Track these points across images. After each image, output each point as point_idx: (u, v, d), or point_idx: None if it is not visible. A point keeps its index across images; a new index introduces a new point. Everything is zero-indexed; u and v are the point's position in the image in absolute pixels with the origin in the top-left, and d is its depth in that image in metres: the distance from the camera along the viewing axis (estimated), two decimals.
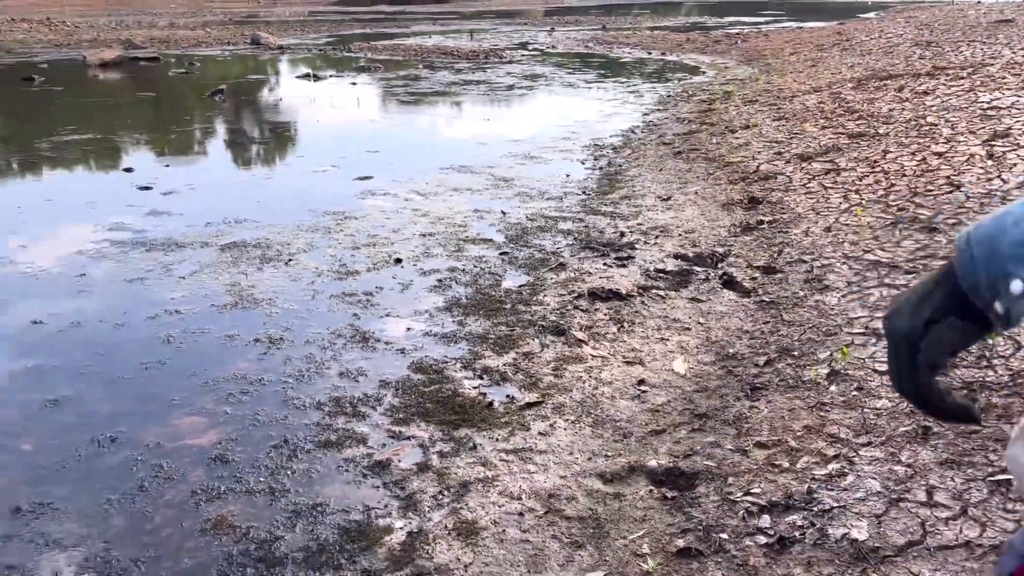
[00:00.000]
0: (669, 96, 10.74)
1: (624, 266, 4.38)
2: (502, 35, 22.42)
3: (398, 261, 4.57)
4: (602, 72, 14.40)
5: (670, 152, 7.12)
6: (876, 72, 9.62)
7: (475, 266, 4.48)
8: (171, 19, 28.94)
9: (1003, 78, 7.80)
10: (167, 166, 7.15)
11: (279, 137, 8.78)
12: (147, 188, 6.22)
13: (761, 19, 30.46)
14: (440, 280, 4.27)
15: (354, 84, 12.42)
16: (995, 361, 2.81)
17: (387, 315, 3.84)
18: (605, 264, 4.43)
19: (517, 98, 11.28)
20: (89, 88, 12.47)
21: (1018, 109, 6.48)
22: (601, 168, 6.85)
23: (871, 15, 28.95)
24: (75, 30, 21.26)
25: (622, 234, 4.95)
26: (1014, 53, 9.30)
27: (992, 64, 8.78)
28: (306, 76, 13.37)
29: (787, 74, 11.55)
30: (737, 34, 20.28)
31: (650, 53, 16.90)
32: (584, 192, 6.09)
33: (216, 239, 4.95)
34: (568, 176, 6.61)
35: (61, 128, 8.82)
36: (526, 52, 17.54)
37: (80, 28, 21.86)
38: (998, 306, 0.64)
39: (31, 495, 2.49)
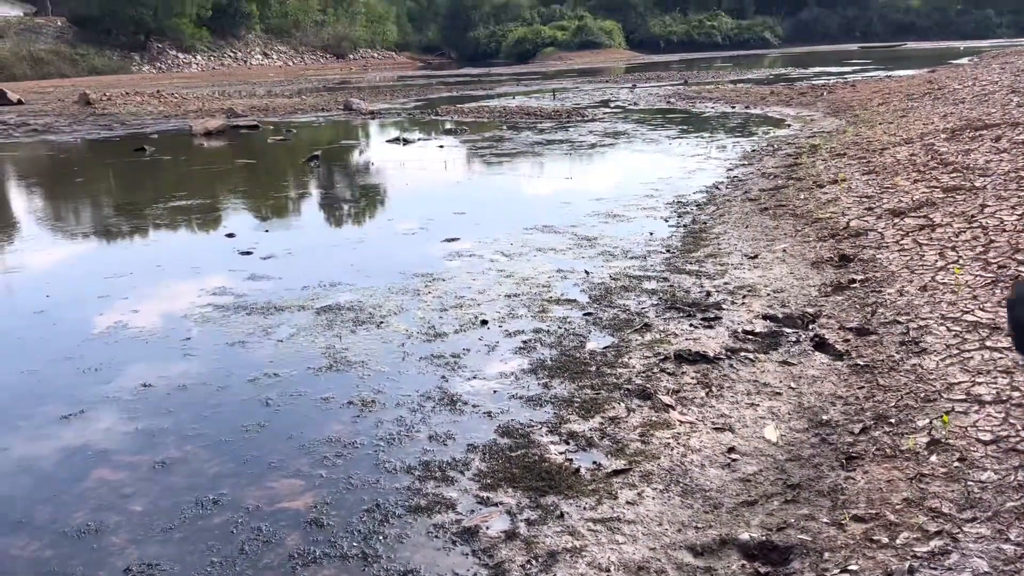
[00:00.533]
0: (754, 151, 10.67)
1: (711, 327, 4.35)
2: (583, 94, 22.78)
3: (484, 323, 4.66)
4: (684, 127, 14.43)
5: (756, 208, 7.06)
6: (971, 122, 9.34)
7: (559, 327, 4.52)
8: (269, 88, 30.59)
9: None
10: (267, 231, 7.51)
11: (370, 200, 9.11)
12: (248, 253, 6.54)
13: (847, 69, 30.01)
14: (525, 342, 4.33)
15: (441, 147, 12.81)
16: None
17: (474, 377, 3.91)
18: (691, 325, 4.41)
19: (599, 156, 11.41)
20: (195, 156, 13.26)
21: None
22: (685, 226, 6.84)
23: (964, 61, 28.14)
24: (182, 101, 22.70)
25: (708, 294, 4.92)
26: None
27: None
28: (396, 140, 13.87)
29: (876, 125, 11.33)
30: (823, 85, 20.05)
31: (733, 107, 16.86)
32: (668, 250, 6.09)
33: (312, 302, 5.16)
34: (652, 234, 6.62)
35: (169, 195, 9.39)
36: (608, 110, 17.76)
37: (187, 99, 23.33)
38: None
39: (140, 556, 2.62)
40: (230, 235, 7.25)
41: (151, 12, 42.90)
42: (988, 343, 3.51)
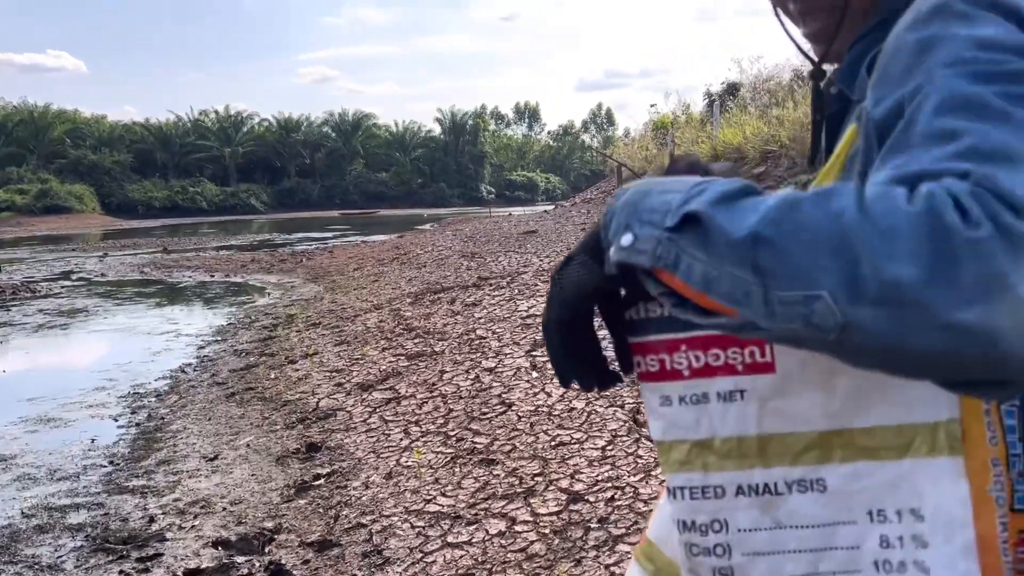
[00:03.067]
0: (230, 324, 10.04)
1: (147, 571, 3.41)
2: (42, 264, 19.97)
3: None
4: (158, 300, 13.25)
5: (223, 394, 6.34)
6: (431, 285, 10.07)
7: None
8: None
9: (535, 285, 8.58)
10: None
11: None
12: None
13: (329, 234, 31.85)
14: None
15: None
16: None
17: None
18: (121, 573, 3.42)
19: (45, 342, 9.63)
20: None
21: None
22: (138, 424, 5.79)
23: (427, 226, 32.01)
24: None
25: (152, 519, 3.97)
26: (541, 260, 10.47)
27: (526, 272, 9.72)
28: None
29: (351, 291, 11.66)
30: (303, 252, 20.64)
31: (213, 276, 16.19)
32: (112, 462, 4.98)
33: None
34: (93, 441, 5.43)
35: None
36: (69, 283, 15.65)
37: None
38: (612, 251, 0.64)
39: None
40: None
41: None
42: (450, 539, 3.24)
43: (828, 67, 0.92)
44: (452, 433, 4.49)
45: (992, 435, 0.62)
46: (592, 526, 3.15)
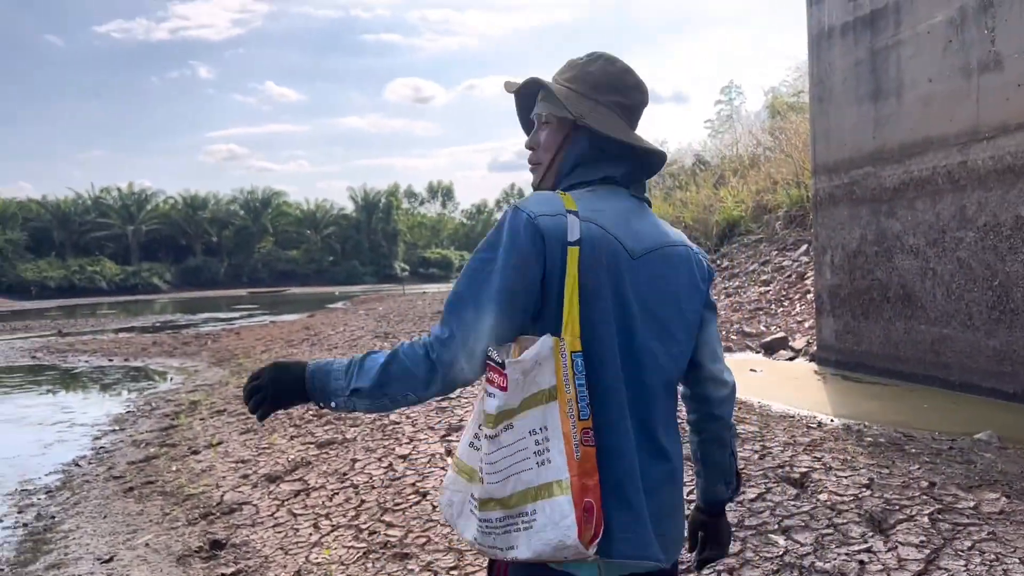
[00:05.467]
0: (128, 412, 9.59)
1: None
2: None
3: None
4: (50, 387, 12.56)
5: (120, 489, 6.01)
6: None
7: None
8: None
9: None
10: None
11: None
12: None
13: (236, 314, 30.97)
14: None
15: None
16: None
17: None
18: None
19: None
20: None
21: (465, 398, 7.00)
22: (26, 524, 5.42)
23: (339, 304, 31.59)
24: None
25: None
26: None
27: None
28: None
29: None
30: (208, 333, 20.00)
31: (112, 360, 15.48)
32: None
33: None
34: None
35: None
36: None
37: None
38: (330, 400, 1.56)
39: None
40: None
41: None
42: None
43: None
44: (364, 526, 4.39)
45: (567, 388, 1.45)
46: None
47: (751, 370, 9.12)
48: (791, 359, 9.99)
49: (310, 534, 4.43)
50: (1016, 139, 6.80)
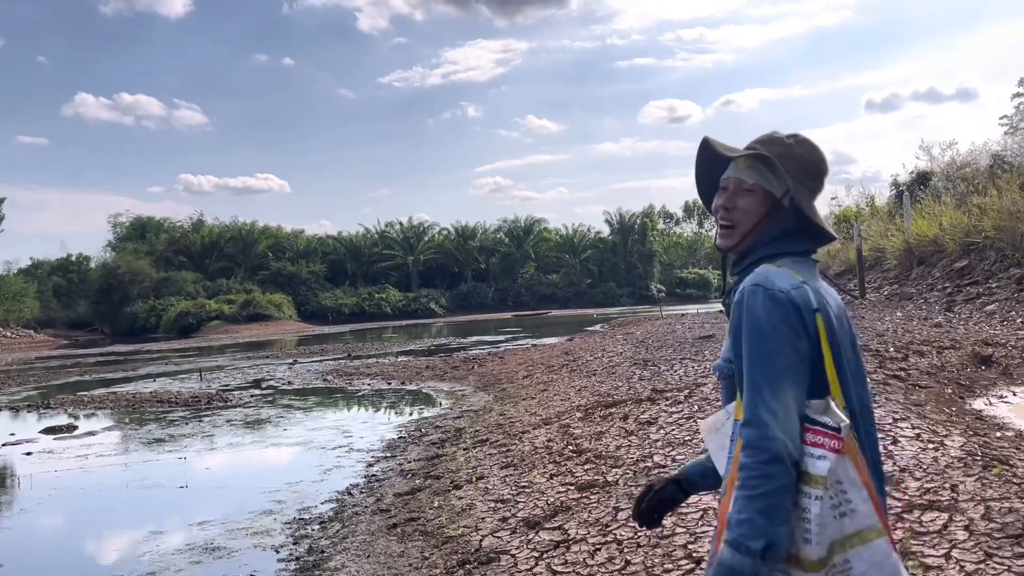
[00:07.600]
0: (400, 438, 9.89)
1: None
2: (238, 372, 21.23)
3: None
4: (335, 410, 13.50)
5: (385, 525, 5.99)
6: (602, 397, 9.48)
7: None
8: None
9: (717, 400, 7.77)
10: None
11: None
12: None
13: (501, 337, 32.06)
14: None
15: (28, 454, 10.35)
16: None
17: None
18: None
19: (227, 457, 9.87)
20: None
21: None
22: (298, 558, 5.53)
23: (597, 327, 31.54)
24: None
25: None
26: None
27: (704, 384, 8.92)
28: None
29: (520, 402, 11.28)
30: (474, 357, 20.68)
31: (390, 383, 16.42)
32: None
33: None
34: None
35: None
36: (258, 391, 16.39)
37: None
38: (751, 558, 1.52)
39: None
40: None
41: None
42: None
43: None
44: None
45: (853, 441, 1.65)
46: None
47: None
48: None
49: None
50: None
